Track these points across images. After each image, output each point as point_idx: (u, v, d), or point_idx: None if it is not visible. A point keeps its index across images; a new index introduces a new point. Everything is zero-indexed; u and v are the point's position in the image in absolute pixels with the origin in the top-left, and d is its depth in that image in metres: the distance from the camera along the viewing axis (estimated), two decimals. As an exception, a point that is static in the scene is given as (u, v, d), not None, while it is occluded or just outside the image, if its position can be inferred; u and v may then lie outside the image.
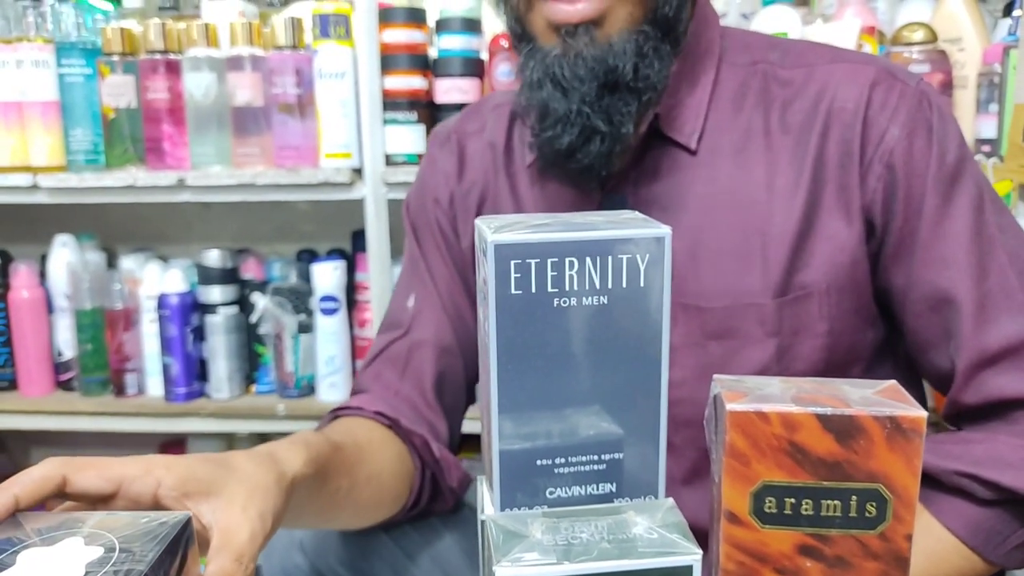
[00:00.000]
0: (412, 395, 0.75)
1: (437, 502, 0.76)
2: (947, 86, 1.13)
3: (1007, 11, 1.14)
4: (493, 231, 0.39)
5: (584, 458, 0.42)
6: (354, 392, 0.78)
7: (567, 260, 0.39)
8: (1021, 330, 0.62)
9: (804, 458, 0.38)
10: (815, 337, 0.66)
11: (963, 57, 1.14)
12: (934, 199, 0.64)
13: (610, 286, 0.39)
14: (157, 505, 0.47)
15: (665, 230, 0.40)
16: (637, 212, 0.45)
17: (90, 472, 0.45)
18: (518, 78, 0.67)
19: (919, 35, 1.12)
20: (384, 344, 0.78)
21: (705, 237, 0.67)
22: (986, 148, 1.10)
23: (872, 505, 0.38)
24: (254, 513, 0.47)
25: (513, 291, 0.39)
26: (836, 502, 0.38)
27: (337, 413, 0.74)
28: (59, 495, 0.45)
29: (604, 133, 0.64)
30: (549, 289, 0.39)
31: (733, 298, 0.66)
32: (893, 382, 0.40)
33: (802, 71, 0.68)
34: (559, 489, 0.42)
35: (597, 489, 0.42)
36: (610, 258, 0.39)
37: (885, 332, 0.70)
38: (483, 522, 0.41)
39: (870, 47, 1.12)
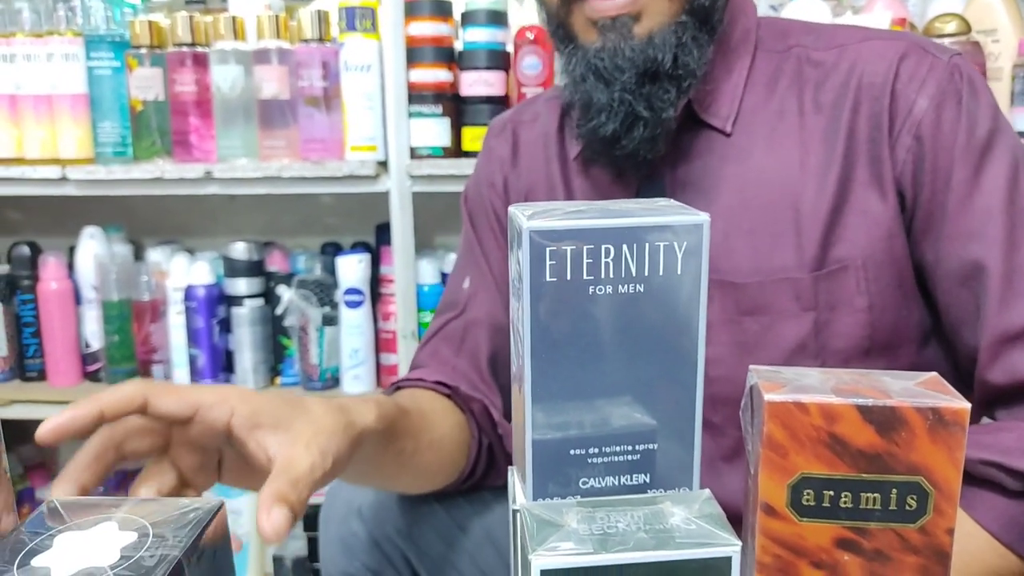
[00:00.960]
0: (468, 370, 0.77)
1: (491, 475, 0.77)
2: (981, 78, 1.11)
3: (1043, 2, 1.12)
4: (528, 217, 0.38)
5: (618, 448, 0.41)
6: (412, 367, 0.80)
7: (603, 247, 0.38)
8: None
9: (844, 450, 0.37)
10: (854, 312, 0.65)
11: (997, 48, 1.12)
12: (963, 171, 0.63)
13: (646, 274, 0.39)
14: (229, 433, 0.50)
15: (703, 217, 0.39)
16: (673, 200, 0.44)
17: (170, 396, 0.49)
18: (564, 77, 0.69)
19: (952, 26, 1.10)
20: (440, 324, 0.80)
21: (739, 216, 0.68)
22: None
23: (913, 498, 0.37)
24: (316, 450, 0.49)
25: (548, 278, 0.38)
26: (876, 495, 0.37)
27: (399, 385, 0.76)
28: (140, 414, 0.49)
29: (646, 119, 0.65)
30: (584, 277, 0.38)
31: (766, 274, 0.67)
32: (934, 374, 0.39)
33: (834, 51, 0.69)
34: (592, 479, 0.41)
35: (631, 479, 0.42)
36: (647, 245, 0.38)
37: (935, 315, 0.69)
38: (515, 512, 0.41)
39: (901, 39, 1.10)
